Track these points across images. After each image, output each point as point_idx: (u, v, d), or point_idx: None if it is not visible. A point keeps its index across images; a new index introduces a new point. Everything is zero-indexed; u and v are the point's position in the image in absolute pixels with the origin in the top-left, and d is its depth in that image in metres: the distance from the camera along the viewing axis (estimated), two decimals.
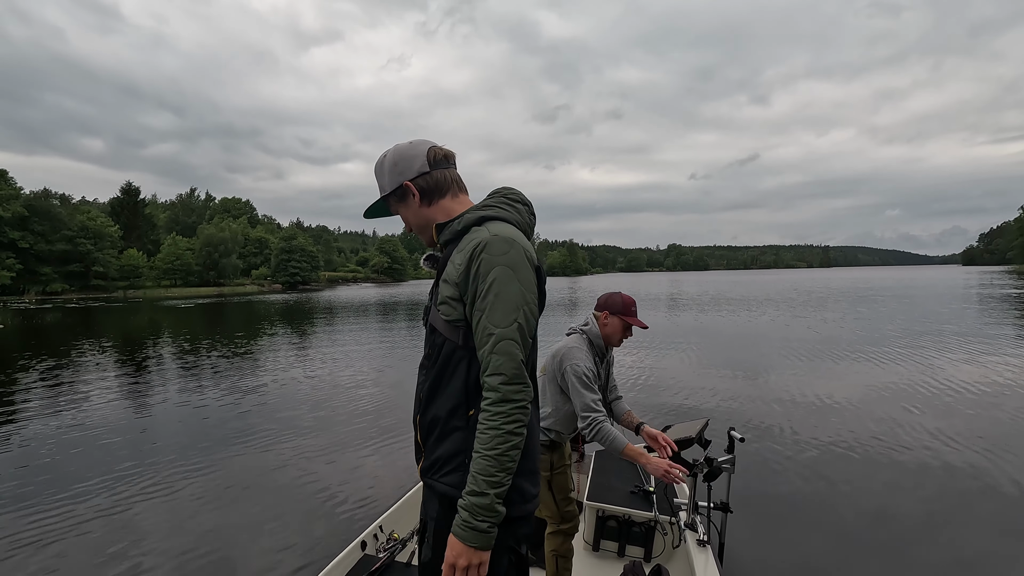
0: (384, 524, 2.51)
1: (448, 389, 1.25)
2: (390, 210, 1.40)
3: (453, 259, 1.24)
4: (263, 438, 5.37)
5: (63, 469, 4.58)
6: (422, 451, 1.33)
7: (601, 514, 2.79)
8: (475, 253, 1.18)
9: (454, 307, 1.22)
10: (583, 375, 2.21)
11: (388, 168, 1.33)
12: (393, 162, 1.32)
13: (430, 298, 1.33)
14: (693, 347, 10.93)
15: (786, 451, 4.71)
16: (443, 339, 1.26)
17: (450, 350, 1.25)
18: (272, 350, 12.00)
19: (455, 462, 1.24)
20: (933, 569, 2.90)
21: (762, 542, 3.17)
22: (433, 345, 1.29)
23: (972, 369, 8.06)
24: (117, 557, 3.14)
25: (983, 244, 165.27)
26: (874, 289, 34.08)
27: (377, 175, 1.35)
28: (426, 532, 1.34)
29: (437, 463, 1.27)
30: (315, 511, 3.68)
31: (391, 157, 1.33)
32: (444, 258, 1.30)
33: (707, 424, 2.65)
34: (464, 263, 1.20)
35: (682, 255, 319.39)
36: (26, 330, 18.47)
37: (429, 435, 1.29)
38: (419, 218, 1.34)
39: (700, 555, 2.27)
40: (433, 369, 1.28)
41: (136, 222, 66.04)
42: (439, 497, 1.27)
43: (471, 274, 1.19)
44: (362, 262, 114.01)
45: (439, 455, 1.26)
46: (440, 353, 1.26)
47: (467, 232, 1.26)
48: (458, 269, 1.21)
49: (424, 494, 1.36)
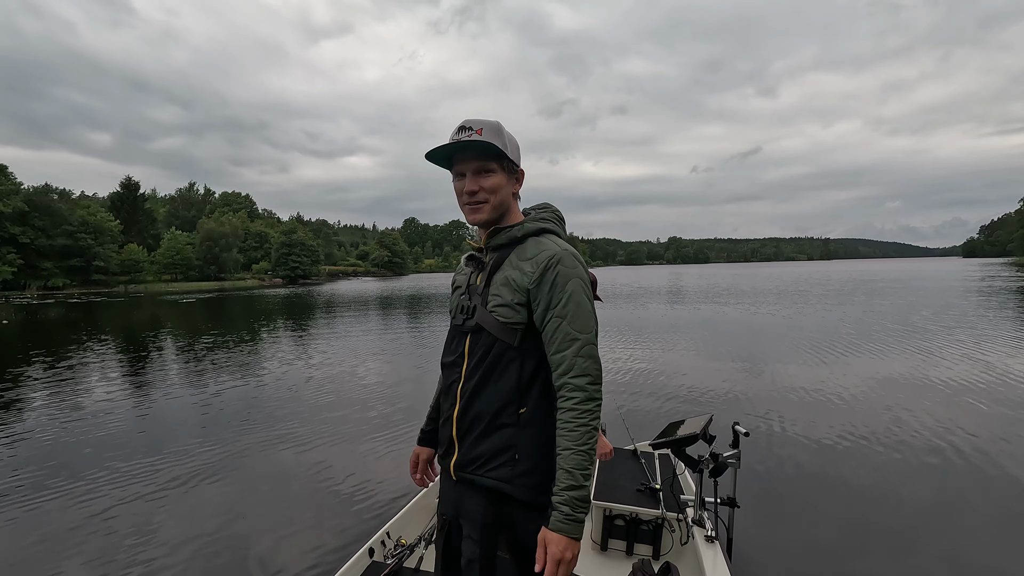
0: (391, 530, 2.51)
1: (497, 387, 1.30)
2: (489, 170, 1.30)
3: (520, 267, 1.30)
4: (267, 437, 5.38)
5: (66, 465, 4.63)
6: (454, 447, 1.36)
7: (608, 513, 2.79)
8: (550, 264, 1.27)
9: (517, 311, 1.29)
10: None
11: (512, 144, 1.35)
12: (515, 143, 1.37)
13: (469, 298, 1.38)
14: (694, 341, 10.95)
15: (791, 444, 4.74)
16: (493, 340, 1.31)
17: (501, 350, 1.30)
18: (275, 345, 12.04)
19: (503, 457, 1.29)
20: (943, 561, 2.93)
21: (770, 536, 3.19)
22: (478, 344, 1.33)
23: (981, 361, 8.08)
24: (111, 561, 3.16)
25: (984, 236, 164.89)
26: (882, 281, 34.05)
27: (498, 134, 1.30)
28: (451, 530, 1.37)
29: (480, 459, 1.31)
30: (320, 516, 3.63)
31: (512, 137, 1.36)
32: (497, 261, 1.36)
33: (711, 419, 2.67)
34: (538, 272, 1.27)
35: (682, 248, 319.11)
36: (30, 325, 18.50)
37: (469, 431, 1.33)
38: (504, 204, 1.36)
39: (709, 551, 2.29)
40: (480, 368, 1.32)
41: (136, 217, 65.89)
42: (485, 491, 1.31)
43: (546, 283, 1.27)
44: (362, 256, 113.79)
45: (483, 451, 1.30)
46: (489, 353, 1.31)
47: (522, 241, 1.35)
48: (529, 277, 1.28)
49: (452, 491, 1.40)
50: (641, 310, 18.69)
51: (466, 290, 1.40)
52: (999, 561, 2.92)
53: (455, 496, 1.39)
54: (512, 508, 1.30)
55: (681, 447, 2.61)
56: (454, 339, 1.41)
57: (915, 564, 2.92)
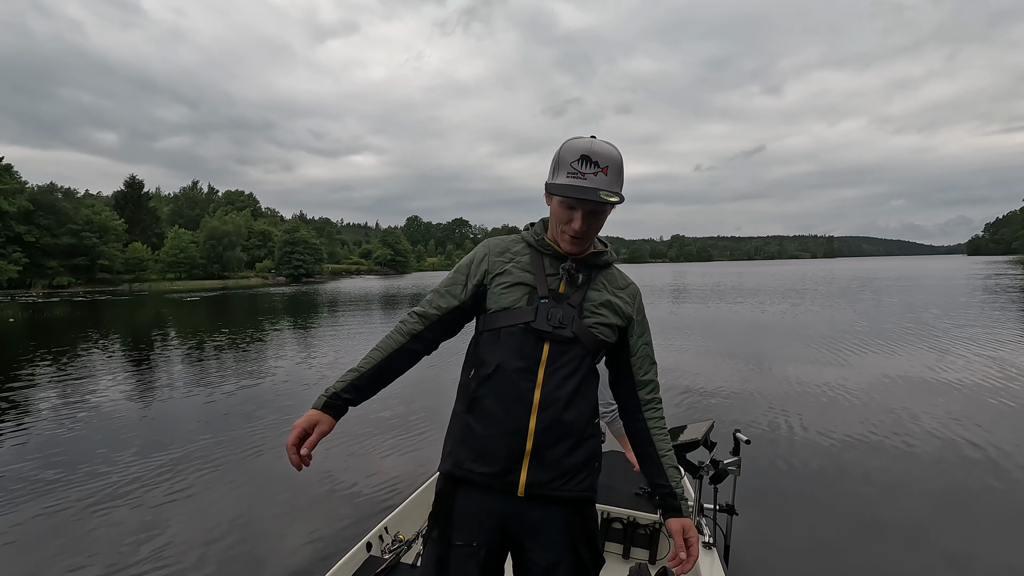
0: (389, 525, 2.52)
1: (586, 400, 1.34)
2: (606, 211, 1.32)
3: (618, 294, 1.41)
4: (268, 433, 5.45)
5: (73, 460, 4.69)
6: (522, 461, 1.28)
7: (606, 516, 2.80)
8: (639, 297, 1.47)
9: (614, 333, 1.39)
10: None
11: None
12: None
13: (561, 308, 1.32)
14: (698, 342, 10.97)
15: (793, 453, 4.74)
16: (585, 353, 1.33)
17: (591, 365, 1.37)
18: (281, 343, 12.09)
19: (589, 467, 1.35)
20: (943, 570, 2.94)
21: (768, 545, 3.22)
22: (567, 355, 1.31)
23: (994, 359, 8.08)
24: (107, 554, 3.21)
25: (988, 234, 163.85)
26: (888, 279, 33.91)
27: (621, 172, 1.30)
28: (489, 551, 1.31)
29: (569, 472, 1.30)
30: (319, 510, 3.70)
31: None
32: (589, 280, 1.39)
33: (713, 426, 2.69)
34: (636, 304, 1.44)
35: (685, 246, 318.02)
36: (36, 324, 18.62)
37: (558, 444, 1.29)
38: (597, 232, 1.37)
39: (706, 558, 2.31)
40: (572, 378, 1.31)
41: (140, 215, 66.11)
42: (568, 503, 1.31)
43: (640, 314, 1.46)
44: (365, 254, 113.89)
45: (573, 463, 1.31)
46: (581, 365, 1.33)
47: (610, 266, 1.45)
48: (629, 305, 1.42)
49: (502, 509, 1.30)
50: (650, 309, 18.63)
51: (548, 295, 1.33)
52: (1000, 570, 2.94)
53: (513, 513, 1.30)
54: (587, 510, 1.37)
55: (682, 452, 2.63)
56: (525, 342, 1.30)
57: (917, 573, 2.92)
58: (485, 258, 1.40)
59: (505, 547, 1.35)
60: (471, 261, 1.42)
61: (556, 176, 1.29)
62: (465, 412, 1.35)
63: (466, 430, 1.34)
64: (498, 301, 1.34)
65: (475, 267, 1.40)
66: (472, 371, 1.37)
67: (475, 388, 1.34)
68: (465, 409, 1.36)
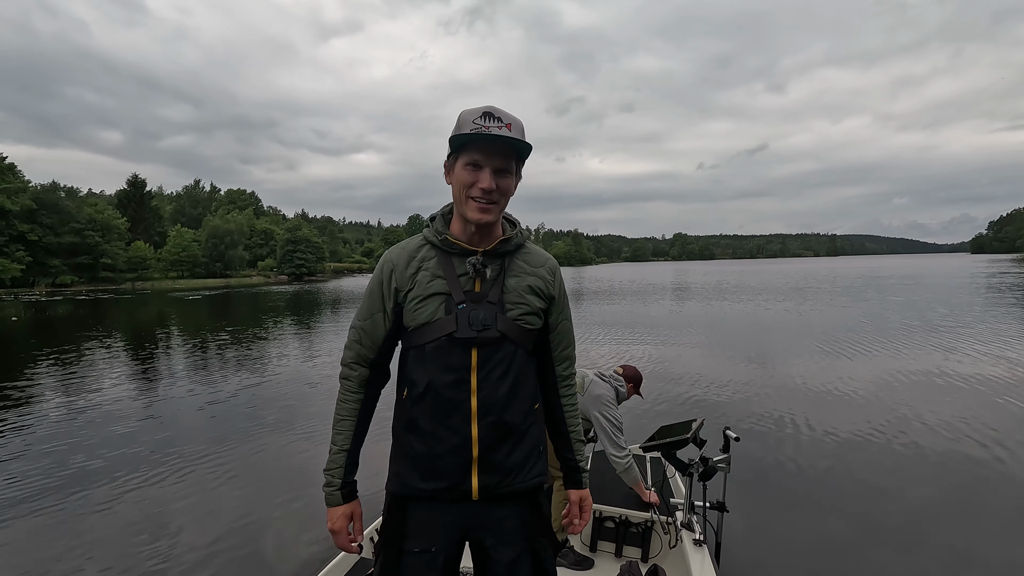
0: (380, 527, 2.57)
1: (523, 394, 1.31)
2: (509, 170, 1.26)
3: (537, 273, 1.35)
4: (268, 432, 5.50)
5: (79, 460, 4.74)
6: (470, 470, 1.26)
7: (598, 515, 2.82)
8: (557, 271, 1.41)
9: (539, 317, 1.35)
10: (617, 421, 2.75)
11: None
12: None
13: (482, 308, 1.26)
14: (688, 342, 10.96)
15: (782, 449, 4.77)
16: (515, 348, 1.28)
17: (524, 357, 1.32)
18: (286, 341, 12.14)
19: (535, 455, 1.35)
20: (933, 568, 2.96)
21: (759, 541, 3.24)
22: (496, 355, 1.26)
23: (995, 360, 8.07)
24: (106, 552, 3.27)
25: (992, 232, 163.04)
26: (892, 278, 33.78)
27: (523, 133, 1.25)
28: (448, 556, 1.29)
29: (517, 467, 1.30)
30: (312, 511, 3.69)
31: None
32: (503, 269, 1.31)
33: (702, 424, 2.72)
34: (555, 280, 1.38)
35: (688, 244, 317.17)
36: (40, 322, 18.71)
37: (501, 445, 1.27)
38: (507, 200, 1.29)
39: (696, 555, 2.34)
40: (506, 379, 1.27)
41: (143, 214, 66.27)
42: (521, 496, 1.32)
43: (559, 289, 1.40)
44: (367, 253, 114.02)
45: (518, 459, 1.30)
46: (514, 362, 1.28)
47: (524, 247, 1.38)
48: (550, 284, 1.36)
49: (460, 514, 1.29)
50: (642, 307, 18.67)
51: (465, 298, 1.26)
52: (995, 566, 2.95)
53: (469, 516, 1.30)
54: (541, 497, 1.38)
55: (672, 450, 2.66)
56: (451, 353, 1.24)
57: (907, 571, 2.95)
58: (392, 276, 1.31)
59: (462, 549, 1.34)
60: (380, 283, 1.33)
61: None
62: (405, 432, 1.30)
63: (409, 450, 1.29)
64: (415, 318, 1.28)
65: (385, 289, 1.32)
66: (404, 391, 1.32)
67: (411, 408, 1.29)
68: (404, 429, 1.31)
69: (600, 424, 2.73)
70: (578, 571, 2.70)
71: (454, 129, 1.24)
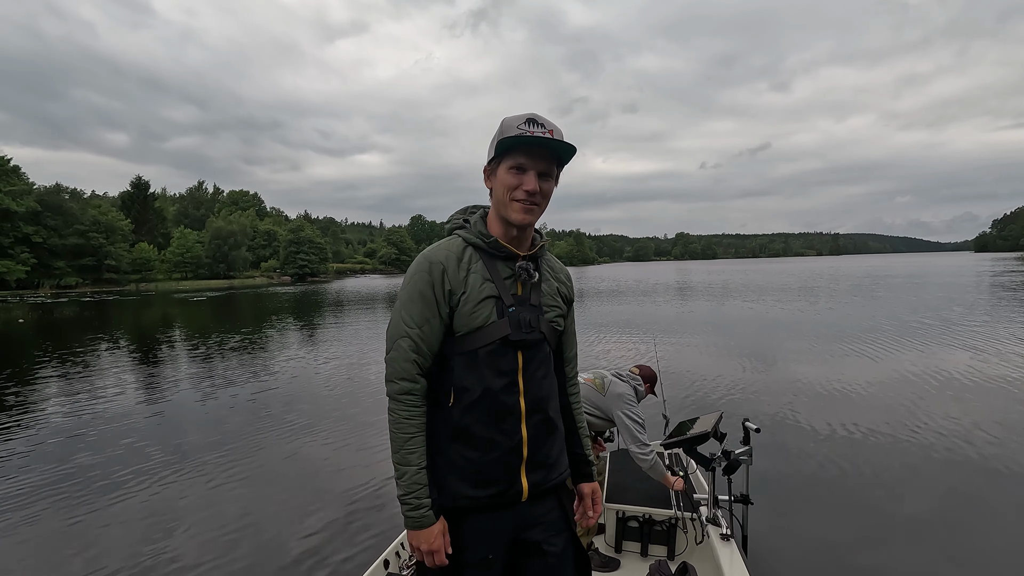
0: (406, 540, 2.50)
1: (554, 391, 1.40)
2: (552, 175, 1.29)
3: (559, 277, 1.44)
4: (281, 438, 5.44)
5: (85, 459, 4.74)
6: (520, 470, 1.29)
7: (621, 515, 2.80)
8: (570, 275, 1.49)
9: (564, 320, 1.43)
10: (639, 418, 2.75)
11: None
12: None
13: (528, 312, 1.30)
14: (700, 337, 10.93)
15: (803, 439, 4.75)
16: (548, 348, 1.37)
17: (553, 356, 1.42)
18: (287, 342, 12.15)
19: (563, 447, 1.43)
20: (959, 554, 2.94)
21: (785, 532, 3.22)
22: (536, 356, 1.32)
23: (998, 356, 8.03)
24: (129, 556, 3.25)
25: (996, 230, 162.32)
26: (897, 276, 33.66)
27: (562, 138, 1.26)
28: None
29: (556, 461, 1.37)
30: (338, 524, 3.53)
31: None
32: (535, 271, 1.34)
33: (721, 417, 2.71)
34: (571, 285, 1.48)
35: (690, 244, 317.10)
36: (46, 324, 18.76)
37: (545, 444, 1.33)
38: (547, 204, 1.31)
39: (725, 549, 2.32)
40: (544, 379, 1.34)
41: (146, 216, 66.51)
42: (555, 488, 1.38)
43: (572, 293, 1.49)
44: (369, 253, 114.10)
45: (554, 453, 1.37)
46: (547, 361, 1.36)
47: (545, 252, 1.44)
48: (569, 288, 1.46)
49: (510, 517, 1.31)
50: (649, 307, 18.65)
51: (513, 301, 1.29)
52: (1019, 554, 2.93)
53: (518, 517, 1.32)
54: (567, 485, 1.45)
55: (693, 446, 2.64)
56: (503, 357, 1.26)
57: (933, 557, 2.92)
58: (444, 277, 1.26)
59: (512, 551, 1.34)
60: (431, 285, 1.26)
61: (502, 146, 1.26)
62: (450, 441, 1.27)
63: (458, 460, 1.26)
64: (469, 322, 1.25)
65: (438, 291, 1.26)
66: (451, 399, 1.27)
67: (460, 416, 1.25)
68: (450, 439, 1.27)
69: (623, 422, 2.72)
70: (605, 572, 2.68)
71: (497, 134, 1.27)
